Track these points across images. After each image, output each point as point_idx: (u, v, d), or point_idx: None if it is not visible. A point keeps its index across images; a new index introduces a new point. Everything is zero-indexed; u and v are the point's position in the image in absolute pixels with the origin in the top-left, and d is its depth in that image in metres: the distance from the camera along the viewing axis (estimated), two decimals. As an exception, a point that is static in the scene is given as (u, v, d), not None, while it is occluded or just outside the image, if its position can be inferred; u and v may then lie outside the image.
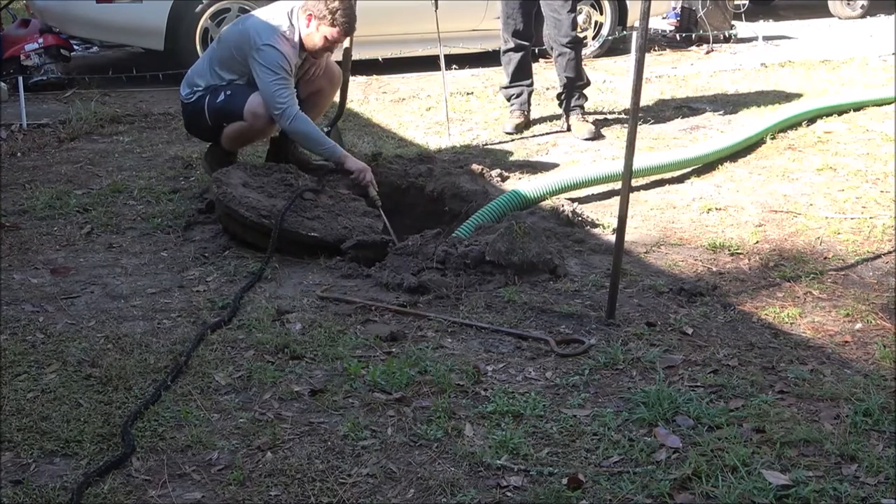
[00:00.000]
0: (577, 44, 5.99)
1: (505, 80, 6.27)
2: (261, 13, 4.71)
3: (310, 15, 4.49)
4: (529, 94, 6.23)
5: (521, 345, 3.31)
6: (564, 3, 5.83)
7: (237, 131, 4.66)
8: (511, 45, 6.08)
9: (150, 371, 3.10)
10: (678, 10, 9.74)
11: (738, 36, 9.86)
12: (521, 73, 6.16)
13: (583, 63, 6.13)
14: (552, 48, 6.05)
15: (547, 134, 6.10)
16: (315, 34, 4.52)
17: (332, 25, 4.48)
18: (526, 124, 6.17)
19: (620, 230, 3.47)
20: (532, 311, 3.54)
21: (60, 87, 7.38)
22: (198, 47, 7.29)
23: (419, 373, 3.07)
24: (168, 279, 3.89)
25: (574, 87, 6.06)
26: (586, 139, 5.88)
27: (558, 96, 6.17)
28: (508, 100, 6.29)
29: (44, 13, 7.72)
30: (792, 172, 5.21)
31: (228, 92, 4.62)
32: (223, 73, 4.65)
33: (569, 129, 6.08)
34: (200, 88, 4.69)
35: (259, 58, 4.46)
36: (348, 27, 4.55)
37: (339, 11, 4.46)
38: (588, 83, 6.17)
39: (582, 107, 6.12)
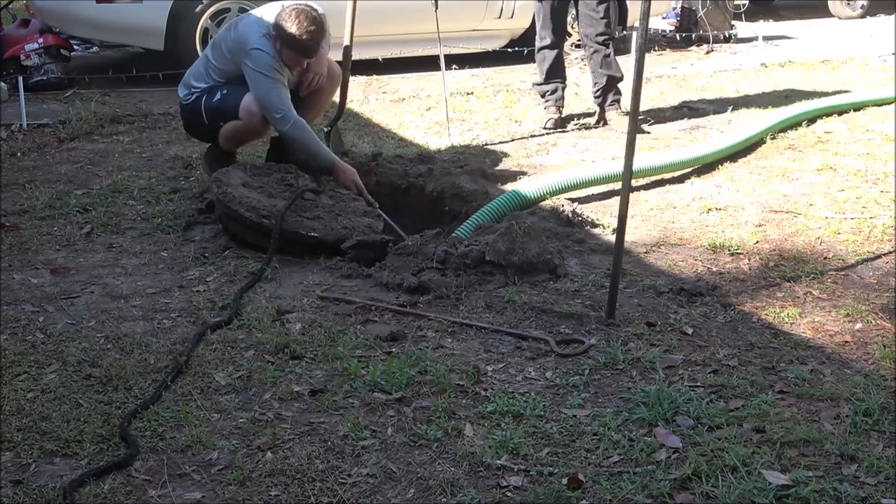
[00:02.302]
0: (610, 40, 6.13)
1: (539, 78, 6.32)
2: (254, 14, 4.72)
3: (273, 36, 4.50)
4: (563, 90, 6.31)
5: (521, 345, 3.30)
6: (600, 2, 5.99)
7: (233, 130, 4.68)
8: (547, 42, 6.15)
9: (150, 371, 3.10)
10: (678, 10, 9.75)
11: (738, 36, 9.87)
12: (556, 71, 6.23)
13: (616, 58, 6.21)
14: (587, 46, 6.20)
15: (547, 134, 6.11)
16: (282, 52, 4.53)
17: (291, 48, 4.50)
18: (561, 120, 6.24)
19: (620, 230, 3.47)
20: (532, 311, 3.54)
21: (60, 87, 7.39)
22: (198, 47, 7.30)
23: (419, 373, 3.07)
24: (168, 279, 3.89)
25: (612, 84, 6.16)
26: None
27: (594, 94, 6.26)
28: (543, 96, 6.33)
29: (44, 13, 7.71)
30: (792, 172, 5.21)
31: (224, 91, 4.64)
32: (219, 77, 4.68)
33: (605, 124, 6.19)
34: (198, 90, 4.71)
35: (250, 62, 4.49)
36: (305, 52, 4.54)
37: (293, 39, 4.44)
38: (622, 78, 6.20)
39: (619, 101, 6.20)
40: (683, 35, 9.62)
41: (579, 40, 8.82)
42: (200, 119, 4.73)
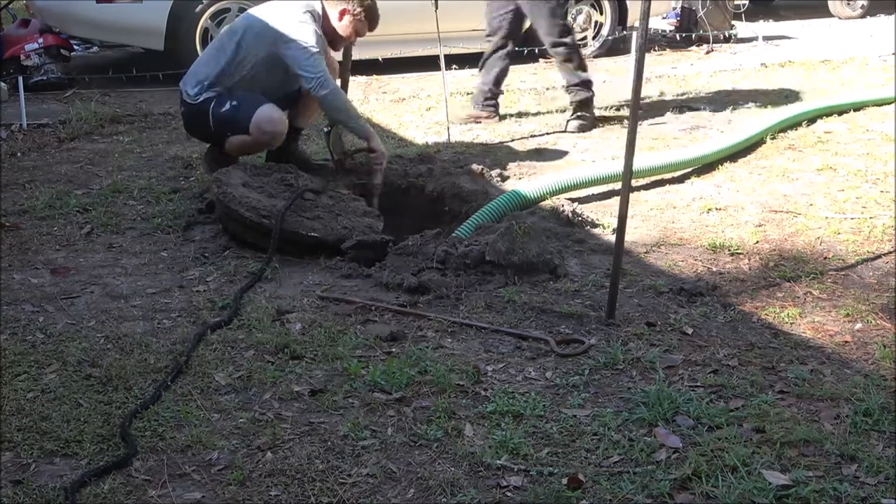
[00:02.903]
0: (563, 46, 6.15)
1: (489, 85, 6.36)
2: (276, 8, 4.69)
3: (343, 10, 4.64)
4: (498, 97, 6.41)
5: (521, 345, 3.30)
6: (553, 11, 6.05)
7: (240, 143, 4.65)
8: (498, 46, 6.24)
9: (150, 371, 3.10)
10: (678, 10, 9.75)
11: (738, 36, 9.86)
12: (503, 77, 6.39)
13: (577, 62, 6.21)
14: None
15: (547, 134, 6.11)
16: (347, 28, 4.70)
17: (364, 21, 4.71)
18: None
19: (620, 230, 3.47)
20: (532, 311, 3.54)
21: (60, 87, 7.39)
22: (198, 47, 7.30)
23: (419, 373, 3.07)
24: (168, 279, 3.89)
25: (577, 85, 6.20)
26: (571, 132, 6.08)
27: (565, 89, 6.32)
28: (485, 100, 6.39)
29: (44, 13, 7.72)
30: (792, 172, 5.21)
31: (234, 102, 4.58)
32: (229, 67, 4.61)
33: (580, 116, 6.22)
34: (205, 87, 4.62)
35: (295, 32, 4.52)
36: (376, 23, 4.80)
37: (371, 9, 4.70)
38: (582, 81, 6.18)
39: (588, 98, 6.21)
40: (683, 35, 9.62)
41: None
42: (206, 123, 4.66)
